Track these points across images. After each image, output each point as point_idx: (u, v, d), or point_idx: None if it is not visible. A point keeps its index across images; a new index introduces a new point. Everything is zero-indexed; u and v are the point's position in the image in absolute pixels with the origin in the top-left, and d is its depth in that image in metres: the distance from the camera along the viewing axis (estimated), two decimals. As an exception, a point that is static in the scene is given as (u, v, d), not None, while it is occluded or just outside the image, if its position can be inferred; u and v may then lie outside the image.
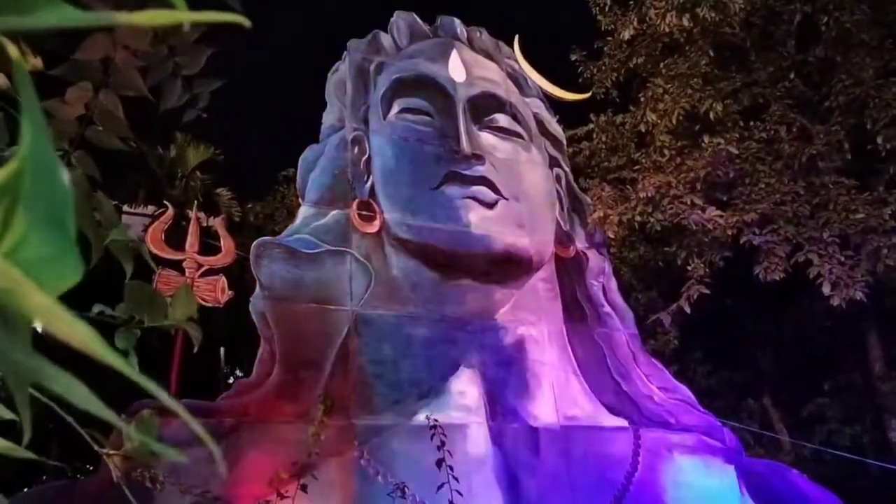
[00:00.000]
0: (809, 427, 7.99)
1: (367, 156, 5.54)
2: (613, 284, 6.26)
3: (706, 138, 5.92)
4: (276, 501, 2.65)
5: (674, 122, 6.39)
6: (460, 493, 2.98)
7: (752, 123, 6.34)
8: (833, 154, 5.84)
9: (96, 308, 0.72)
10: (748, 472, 5.54)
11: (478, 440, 4.85)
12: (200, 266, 4.84)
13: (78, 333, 0.26)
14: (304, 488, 2.62)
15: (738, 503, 5.38)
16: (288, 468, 2.81)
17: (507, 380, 5.26)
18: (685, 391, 5.99)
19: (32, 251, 0.26)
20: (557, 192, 6.17)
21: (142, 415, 0.72)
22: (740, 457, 5.79)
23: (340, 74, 5.87)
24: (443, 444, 3.00)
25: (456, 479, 3.02)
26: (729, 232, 5.57)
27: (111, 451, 0.80)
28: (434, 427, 3.05)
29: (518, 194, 5.67)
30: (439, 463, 2.97)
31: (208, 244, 5.56)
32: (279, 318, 4.76)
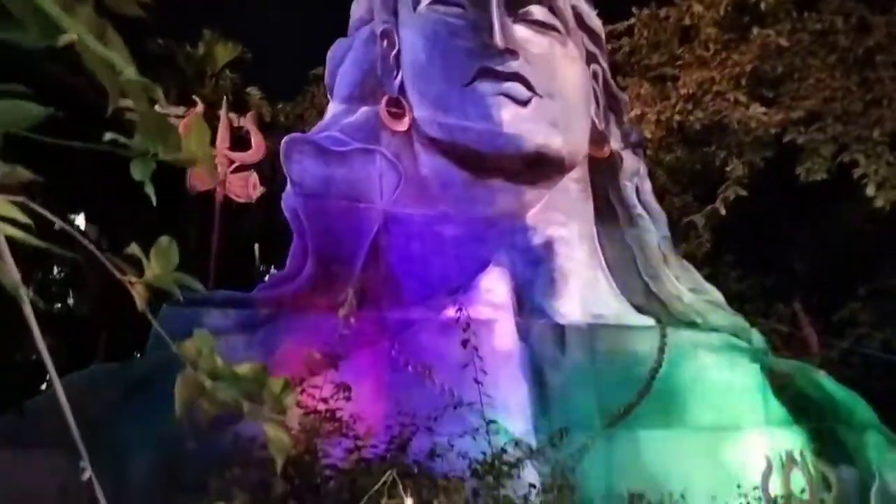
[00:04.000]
0: (840, 331, 7.98)
1: (396, 50, 5.37)
2: (647, 186, 6.14)
3: (755, 30, 5.56)
4: (309, 380, 2.78)
5: (721, 13, 5.98)
6: (485, 372, 3.09)
7: (805, 14, 5.91)
8: (893, 47, 5.44)
9: (108, 135, 0.72)
10: (774, 372, 5.60)
11: (505, 336, 4.95)
12: (232, 162, 4.89)
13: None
14: (335, 366, 2.76)
15: (761, 401, 5.48)
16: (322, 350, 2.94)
17: (535, 279, 5.31)
18: (715, 292, 5.99)
19: None
20: (594, 89, 5.94)
21: (160, 242, 0.73)
22: (766, 357, 5.84)
23: (369, -37, 5.61)
24: (468, 326, 3.09)
25: (483, 365, 3.11)
26: (772, 130, 5.32)
27: (134, 279, 0.83)
28: (460, 310, 3.14)
29: (552, 91, 5.45)
30: (465, 342, 3.08)
31: (239, 140, 5.58)
32: (310, 215, 4.83)
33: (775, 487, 4.79)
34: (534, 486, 2.73)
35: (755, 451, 5.10)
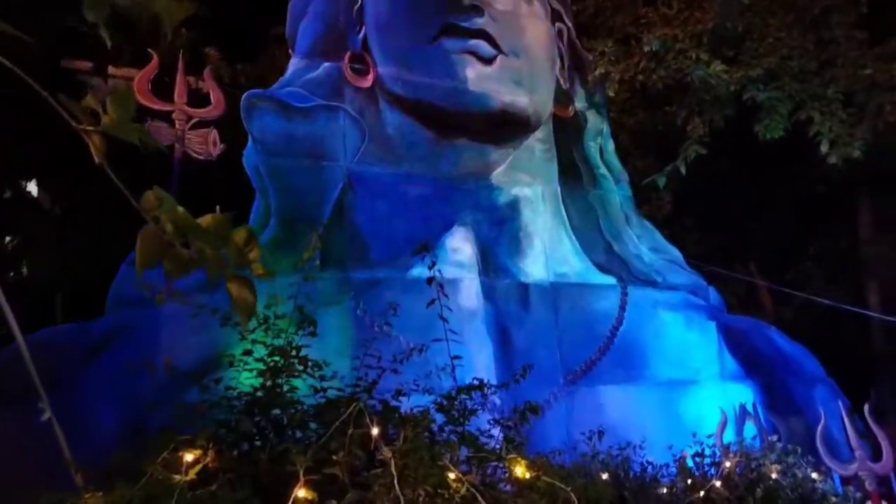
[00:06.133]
0: (796, 289, 8.28)
1: (359, 4, 5.25)
2: (611, 146, 6.20)
3: (717, -13, 5.63)
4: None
5: (685, -29, 6.04)
6: (450, 309, 3.12)
7: (766, -28, 6.01)
8: (847, 7, 5.58)
9: None
10: (729, 328, 5.79)
11: (470, 294, 4.99)
12: (190, 118, 4.74)
13: None
14: (300, 310, 2.75)
15: (716, 356, 5.67)
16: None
17: (500, 238, 5.34)
18: (674, 252, 6.13)
19: None
20: (559, 48, 5.90)
21: (118, 90, 0.71)
22: (722, 314, 6.03)
23: (330, -88, 5.43)
24: (433, 265, 3.11)
25: (449, 318, 3.14)
26: (732, 88, 5.43)
27: (89, 128, 0.80)
28: (425, 248, 3.15)
29: (518, 49, 5.37)
30: (429, 280, 3.10)
31: (198, 100, 5.42)
32: (272, 173, 4.75)
33: (729, 436, 4.99)
34: (497, 422, 2.79)
35: (710, 403, 5.30)
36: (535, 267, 5.38)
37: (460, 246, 5.10)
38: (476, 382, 2.76)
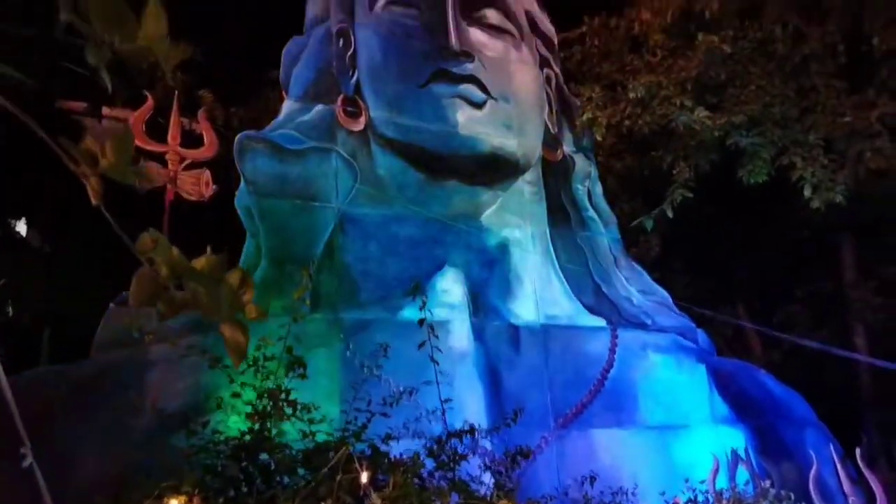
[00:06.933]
0: (783, 332, 8.33)
1: (352, 50, 5.37)
2: (599, 189, 6.29)
3: (700, 37, 5.82)
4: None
5: (668, 20, 6.24)
6: (439, 350, 3.10)
7: (746, 23, 6.22)
8: (826, 56, 5.79)
9: (63, 16, 0.70)
10: (718, 371, 5.77)
11: (460, 336, 4.98)
12: (183, 159, 4.78)
13: None
14: (290, 351, 2.73)
15: (706, 398, 5.64)
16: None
17: (490, 280, 5.36)
18: (663, 294, 6.16)
19: None
20: (547, 93, 6.04)
21: (117, 132, 0.72)
22: (711, 356, 6.02)
23: (324, -37, 5.59)
24: (424, 304, 3.11)
25: (440, 364, 3.12)
26: (716, 134, 5.58)
27: (87, 171, 0.81)
28: (416, 288, 3.15)
29: (507, 94, 5.51)
30: (421, 322, 3.09)
31: (191, 141, 5.47)
32: (264, 214, 4.77)
33: (721, 482, 4.93)
34: (487, 467, 2.75)
35: (702, 447, 5.25)
36: (525, 309, 5.38)
37: (451, 287, 5.11)
38: (466, 426, 2.73)
